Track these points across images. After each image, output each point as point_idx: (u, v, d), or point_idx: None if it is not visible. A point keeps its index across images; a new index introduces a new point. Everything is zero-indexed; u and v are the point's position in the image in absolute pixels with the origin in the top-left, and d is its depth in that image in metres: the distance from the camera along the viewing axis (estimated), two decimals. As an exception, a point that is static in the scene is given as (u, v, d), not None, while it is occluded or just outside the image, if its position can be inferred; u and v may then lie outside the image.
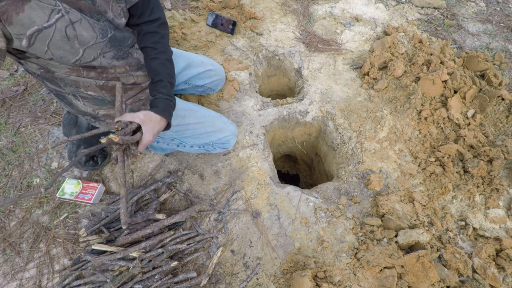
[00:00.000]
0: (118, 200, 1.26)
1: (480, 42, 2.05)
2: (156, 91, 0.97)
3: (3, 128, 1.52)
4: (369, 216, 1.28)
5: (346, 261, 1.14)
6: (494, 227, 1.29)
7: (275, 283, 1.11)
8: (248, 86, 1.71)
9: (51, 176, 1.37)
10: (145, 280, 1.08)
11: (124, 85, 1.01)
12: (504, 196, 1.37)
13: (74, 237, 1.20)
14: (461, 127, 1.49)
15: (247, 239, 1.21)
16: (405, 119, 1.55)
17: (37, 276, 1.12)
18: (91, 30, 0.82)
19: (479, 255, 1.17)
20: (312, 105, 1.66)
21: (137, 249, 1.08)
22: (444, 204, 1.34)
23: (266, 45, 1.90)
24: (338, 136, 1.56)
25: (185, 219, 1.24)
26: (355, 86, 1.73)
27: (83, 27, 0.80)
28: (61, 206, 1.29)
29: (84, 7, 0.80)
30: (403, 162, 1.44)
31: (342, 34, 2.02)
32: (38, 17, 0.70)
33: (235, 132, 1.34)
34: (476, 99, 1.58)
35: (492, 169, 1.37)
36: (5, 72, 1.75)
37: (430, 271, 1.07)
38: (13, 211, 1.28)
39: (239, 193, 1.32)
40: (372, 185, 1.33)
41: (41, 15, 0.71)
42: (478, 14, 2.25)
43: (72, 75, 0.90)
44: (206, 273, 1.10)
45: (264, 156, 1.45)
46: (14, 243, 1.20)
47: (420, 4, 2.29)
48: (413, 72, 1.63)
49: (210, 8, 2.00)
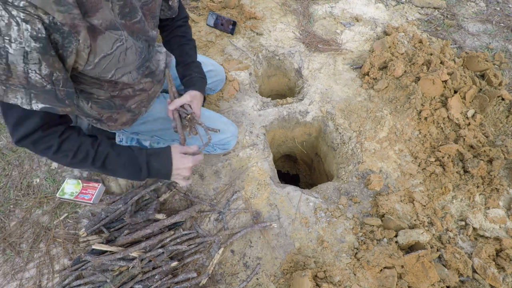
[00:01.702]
0: (118, 200, 1.26)
1: (480, 42, 2.05)
2: (191, 71, 1.12)
3: (3, 128, 1.52)
4: (369, 216, 1.28)
5: (346, 261, 1.14)
6: (494, 227, 1.29)
7: (275, 283, 1.11)
8: (248, 86, 1.71)
9: (51, 176, 1.37)
10: (145, 280, 1.08)
11: (134, 91, 1.02)
12: (504, 196, 1.37)
13: (74, 237, 1.20)
14: (461, 127, 1.49)
15: (247, 239, 1.21)
16: (405, 119, 1.55)
17: (37, 276, 1.12)
18: (134, 54, 0.85)
19: (479, 255, 1.18)
20: (312, 105, 1.66)
21: (137, 249, 1.09)
22: (444, 204, 1.34)
23: (266, 45, 1.90)
24: (338, 136, 1.56)
25: (185, 219, 1.24)
26: (355, 86, 1.73)
27: (131, 52, 0.83)
28: (61, 206, 1.29)
29: (137, 29, 0.83)
30: (403, 162, 1.44)
31: (342, 34, 2.02)
32: (106, 46, 0.73)
33: (235, 133, 1.34)
34: (476, 99, 1.58)
35: (492, 169, 1.37)
36: (5, 72, 1.75)
37: (430, 271, 1.07)
38: (13, 211, 1.28)
39: (239, 193, 1.32)
40: (372, 185, 1.33)
41: (108, 44, 0.74)
42: (478, 14, 2.25)
43: (94, 87, 0.89)
44: (206, 273, 1.10)
45: (264, 156, 1.45)
46: (14, 243, 1.20)
47: (420, 4, 2.29)
48: (413, 72, 1.63)
49: (210, 8, 2.00)
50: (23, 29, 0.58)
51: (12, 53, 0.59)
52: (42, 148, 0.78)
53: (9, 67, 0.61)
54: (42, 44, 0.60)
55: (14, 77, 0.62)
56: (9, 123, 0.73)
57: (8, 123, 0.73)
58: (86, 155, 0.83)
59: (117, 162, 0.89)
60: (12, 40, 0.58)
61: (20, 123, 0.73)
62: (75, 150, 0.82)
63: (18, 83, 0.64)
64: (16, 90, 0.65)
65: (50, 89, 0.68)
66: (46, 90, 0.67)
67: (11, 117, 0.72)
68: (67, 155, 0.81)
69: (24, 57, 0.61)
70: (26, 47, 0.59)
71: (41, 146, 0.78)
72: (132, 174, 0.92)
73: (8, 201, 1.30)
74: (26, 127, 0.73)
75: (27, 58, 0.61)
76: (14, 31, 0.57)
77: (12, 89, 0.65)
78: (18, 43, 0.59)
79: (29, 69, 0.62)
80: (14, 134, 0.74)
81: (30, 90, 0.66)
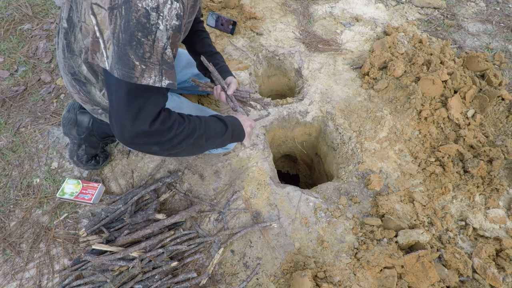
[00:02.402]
0: (118, 200, 1.26)
1: (480, 42, 2.05)
2: (218, 60, 1.23)
3: (3, 128, 1.52)
4: (369, 216, 1.28)
5: (346, 261, 1.14)
6: (494, 227, 1.29)
7: (275, 283, 1.11)
8: (248, 86, 1.71)
9: (51, 176, 1.37)
10: (145, 280, 1.08)
11: None
12: (504, 196, 1.37)
13: (74, 237, 1.20)
14: (461, 127, 1.49)
15: (247, 239, 1.21)
16: (405, 119, 1.55)
17: (37, 276, 1.12)
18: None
19: (479, 255, 1.18)
20: (312, 105, 1.66)
21: (137, 249, 1.08)
22: (444, 204, 1.34)
23: (266, 45, 1.90)
24: (338, 136, 1.56)
25: (185, 219, 1.24)
26: (355, 86, 1.73)
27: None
28: (61, 206, 1.29)
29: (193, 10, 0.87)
30: (403, 162, 1.44)
31: (342, 34, 2.02)
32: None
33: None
34: (476, 99, 1.58)
35: (492, 169, 1.37)
36: (5, 72, 1.75)
37: (430, 271, 1.07)
38: (13, 211, 1.28)
39: (239, 193, 1.32)
40: (372, 185, 1.33)
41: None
42: (478, 14, 2.25)
43: None
44: (206, 273, 1.10)
45: (264, 156, 1.45)
46: (14, 243, 1.20)
47: (420, 4, 2.29)
48: (413, 72, 1.63)
49: (210, 8, 2.00)
50: (173, 8, 0.61)
51: (161, 29, 0.62)
52: (176, 134, 0.77)
53: (153, 44, 0.63)
54: (180, 22, 0.64)
55: (154, 54, 0.65)
56: (133, 108, 0.69)
57: (132, 109, 0.69)
58: (202, 133, 0.85)
59: (214, 131, 0.91)
60: (164, 17, 0.61)
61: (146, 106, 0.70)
62: (194, 126, 0.83)
63: (156, 60, 0.66)
64: (153, 67, 0.66)
65: (173, 65, 0.71)
66: (172, 65, 0.70)
67: (138, 101, 0.68)
68: (200, 134, 0.83)
69: (166, 34, 0.64)
70: (168, 25, 0.63)
71: (176, 131, 0.77)
72: (223, 141, 0.97)
73: (8, 201, 1.30)
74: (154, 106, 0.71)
75: (168, 35, 0.64)
76: (166, 8, 0.61)
77: (150, 67, 0.66)
78: (166, 20, 0.62)
79: (168, 45, 0.65)
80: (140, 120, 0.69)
81: (163, 66, 0.68)
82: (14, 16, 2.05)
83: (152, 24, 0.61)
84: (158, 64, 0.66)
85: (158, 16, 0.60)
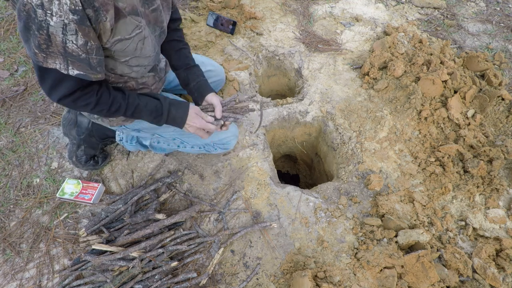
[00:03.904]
0: (118, 200, 1.26)
1: (480, 42, 2.05)
2: (196, 76, 1.18)
3: (3, 128, 1.52)
4: (369, 216, 1.28)
5: (346, 261, 1.14)
6: (494, 227, 1.29)
7: (275, 283, 1.11)
8: (248, 86, 1.71)
9: (51, 176, 1.37)
10: (145, 280, 1.08)
11: (138, 84, 1.06)
12: (504, 196, 1.37)
13: (74, 237, 1.20)
14: (461, 127, 1.49)
15: (247, 239, 1.21)
16: (405, 119, 1.55)
17: (37, 276, 1.12)
18: (151, 46, 0.94)
19: (479, 255, 1.18)
20: (312, 105, 1.66)
21: (137, 249, 1.09)
22: (444, 204, 1.34)
23: (266, 45, 1.90)
24: (338, 136, 1.56)
25: (185, 219, 1.24)
26: (355, 86, 1.73)
27: (148, 42, 0.91)
28: (61, 206, 1.29)
29: (153, 18, 0.92)
30: (403, 162, 1.44)
31: (342, 34, 2.02)
32: (125, 31, 0.81)
33: (236, 133, 1.34)
34: (476, 99, 1.58)
35: (492, 169, 1.37)
36: (5, 72, 1.75)
37: (430, 271, 1.07)
38: (13, 211, 1.28)
39: (239, 193, 1.32)
40: (372, 185, 1.33)
41: (128, 29, 0.81)
42: (478, 14, 2.25)
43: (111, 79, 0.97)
44: (206, 273, 1.10)
45: (264, 156, 1.45)
46: (14, 243, 1.20)
47: (420, 4, 2.29)
48: (413, 72, 1.63)
49: (210, 8, 2.00)
50: (63, 3, 0.64)
51: (53, 25, 0.66)
52: (81, 105, 0.87)
53: (49, 37, 0.68)
54: (79, 16, 0.67)
55: (53, 46, 0.70)
56: (46, 84, 0.80)
57: (45, 84, 0.80)
58: (118, 107, 0.94)
59: (145, 111, 1.00)
60: (53, 13, 0.65)
61: (59, 84, 0.80)
62: (110, 103, 0.91)
63: (57, 51, 0.72)
64: (55, 56, 0.73)
65: (84, 58, 0.75)
66: (81, 59, 0.75)
67: (49, 79, 0.79)
68: (103, 109, 0.91)
69: (63, 29, 0.68)
70: (65, 20, 0.67)
71: (81, 103, 0.87)
72: (155, 119, 1.03)
73: (8, 201, 1.30)
74: (66, 88, 0.81)
75: (65, 30, 0.68)
76: (55, 5, 0.64)
77: (52, 56, 0.72)
78: (59, 16, 0.66)
79: (67, 39, 0.70)
80: (53, 93, 0.82)
81: (67, 57, 0.74)
82: (14, 16, 2.04)
83: (41, 20, 0.65)
84: (61, 54, 0.73)
85: (45, 13, 0.65)
